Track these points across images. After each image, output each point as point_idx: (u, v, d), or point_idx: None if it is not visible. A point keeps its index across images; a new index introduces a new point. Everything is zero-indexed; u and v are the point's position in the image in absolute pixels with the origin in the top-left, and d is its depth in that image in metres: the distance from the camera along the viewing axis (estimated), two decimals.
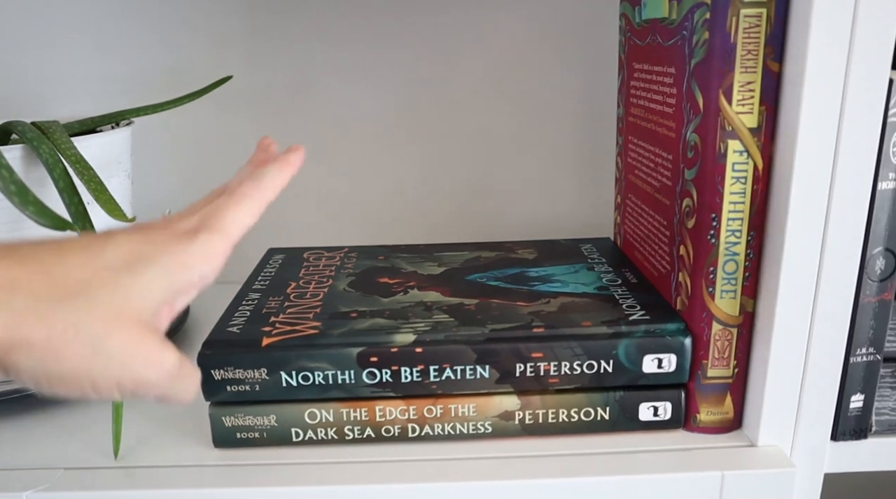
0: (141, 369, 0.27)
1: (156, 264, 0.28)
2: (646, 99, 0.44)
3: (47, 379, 0.26)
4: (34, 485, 0.35)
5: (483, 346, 0.36)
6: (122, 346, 0.27)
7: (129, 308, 0.27)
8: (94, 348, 0.26)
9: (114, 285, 0.27)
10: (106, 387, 0.27)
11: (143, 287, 0.28)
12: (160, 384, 0.28)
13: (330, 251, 0.52)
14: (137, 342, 0.27)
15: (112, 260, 0.28)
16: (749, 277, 0.36)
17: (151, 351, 0.28)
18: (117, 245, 0.28)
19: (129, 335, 0.27)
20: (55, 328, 0.26)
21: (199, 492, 0.35)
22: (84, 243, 0.28)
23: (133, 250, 0.28)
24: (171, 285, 0.29)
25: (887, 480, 0.72)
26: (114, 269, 0.28)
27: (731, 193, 0.35)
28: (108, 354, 0.26)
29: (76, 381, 0.26)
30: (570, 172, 0.63)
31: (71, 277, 0.27)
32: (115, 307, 0.27)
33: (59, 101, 0.61)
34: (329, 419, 0.37)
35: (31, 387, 0.27)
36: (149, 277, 0.28)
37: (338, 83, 0.61)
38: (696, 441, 0.38)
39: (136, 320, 0.28)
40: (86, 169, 0.38)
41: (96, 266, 0.27)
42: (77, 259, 0.27)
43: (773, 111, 0.34)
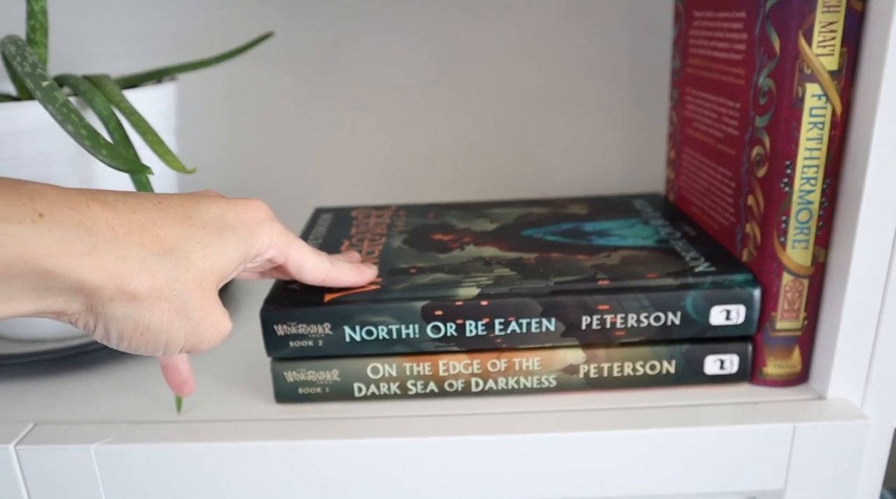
0: (207, 333, 0.29)
1: (236, 235, 0.30)
2: (708, 48, 0.43)
3: (133, 330, 0.26)
4: (101, 438, 0.36)
5: (549, 298, 0.36)
6: (199, 308, 0.28)
7: (215, 272, 0.29)
8: (179, 307, 0.27)
9: (207, 247, 0.28)
10: (176, 345, 0.28)
11: (228, 254, 0.29)
12: (213, 346, 0.30)
13: (378, 210, 0.52)
14: (210, 307, 0.29)
15: (205, 219, 0.29)
16: (822, 227, 0.35)
17: (218, 317, 0.29)
18: (207, 206, 0.30)
19: (207, 299, 0.28)
20: (157, 282, 0.26)
21: (261, 445, 0.35)
22: (179, 200, 0.29)
23: (221, 215, 0.30)
24: (244, 255, 0.30)
25: None
26: (206, 228, 0.29)
27: (808, 140, 0.34)
28: (187, 315, 0.28)
29: (155, 336, 0.27)
30: (616, 129, 0.62)
31: (172, 232, 0.27)
32: (203, 269, 0.28)
33: (98, 60, 0.60)
34: (392, 374, 0.37)
35: (111, 339, 0.27)
36: (232, 245, 0.29)
37: (379, 40, 0.59)
38: (763, 395, 0.37)
39: (214, 285, 0.29)
40: (141, 121, 0.38)
41: (193, 222, 0.28)
42: (177, 213, 0.28)
43: (854, 53, 0.33)
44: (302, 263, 0.34)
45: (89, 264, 0.24)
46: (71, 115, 0.32)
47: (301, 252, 0.34)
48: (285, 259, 0.34)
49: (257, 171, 0.63)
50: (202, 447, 0.35)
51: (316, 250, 0.35)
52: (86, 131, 0.31)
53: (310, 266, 0.35)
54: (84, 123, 0.32)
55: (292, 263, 0.34)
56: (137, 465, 0.35)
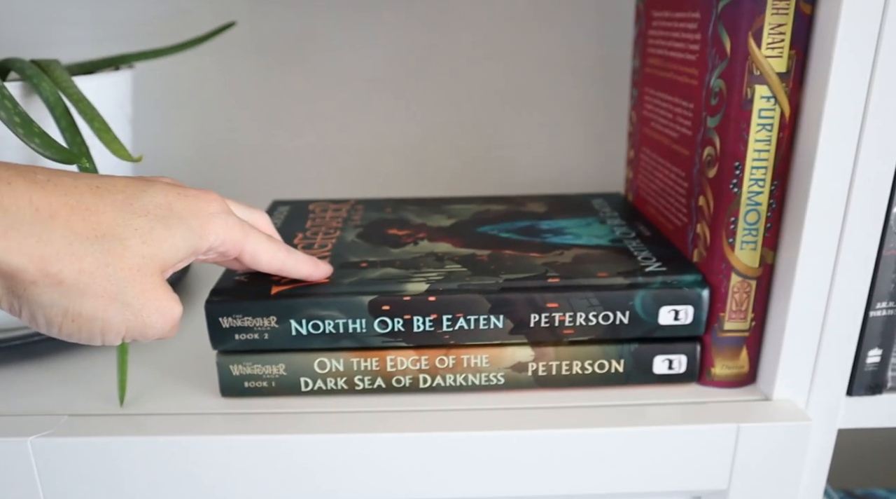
0: (152, 319, 0.28)
1: (185, 223, 0.29)
2: (665, 48, 0.43)
3: (62, 316, 0.26)
4: (38, 430, 0.35)
5: (497, 295, 0.36)
6: (140, 295, 0.27)
7: (156, 260, 0.28)
8: (115, 293, 0.27)
9: (146, 234, 0.27)
10: (114, 332, 0.27)
11: (173, 243, 0.28)
12: (163, 333, 0.29)
13: (336, 203, 0.51)
14: (153, 293, 0.28)
15: (148, 207, 0.28)
16: (770, 228, 0.35)
17: (164, 303, 0.28)
18: (154, 193, 0.29)
19: (147, 285, 0.28)
20: (86, 267, 0.25)
21: (206, 439, 0.35)
22: (122, 185, 0.28)
23: (168, 203, 0.29)
24: (192, 247, 0.29)
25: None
26: (148, 216, 0.28)
27: (756, 141, 0.34)
28: (125, 301, 0.27)
29: (89, 322, 0.27)
30: (577, 128, 0.62)
31: (107, 218, 0.26)
32: (142, 256, 0.27)
33: (56, 46, 0.59)
34: (339, 369, 0.37)
35: (38, 324, 0.26)
36: (179, 235, 0.29)
37: (342, 34, 0.59)
38: (711, 395, 0.38)
39: (157, 271, 0.28)
40: (88, 108, 0.37)
41: (133, 209, 0.27)
42: (115, 199, 0.27)
43: (802, 56, 0.33)
44: (258, 255, 0.34)
45: (5, 246, 0.23)
46: (4, 101, 0.31)
47: (257, 244, 0.33)
48: (240, 252, 0.33)
49: (217, 162, 0.62)
50: (145, 441, 0.35)
51: (272, 239, 0.35)
52: (19, 118, 0.31)
53: (266, 258, 0.34)
54: (18, 110, 0.31)
55: (248, 254, 0.33)
56: (77, 459, 0.35)
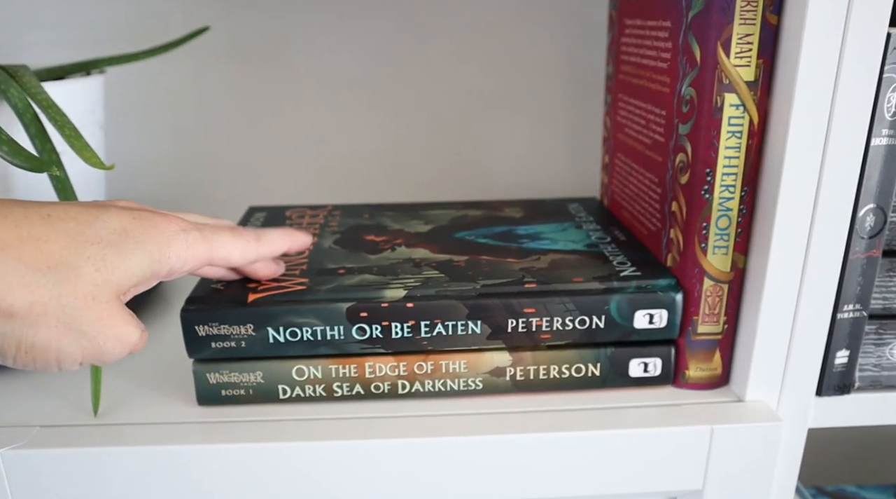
0: (109, 345, 0.28)
1: (140, 247, 0.29)
2: (638, 55, 0.44)
3: (16, 348, 0.26)
4: (9, 443, 0.34)
5: (475, 301, 0.36)
6: (95, 322, 0.27)
7: (110, 286, 0.27)
8: (69, 322, 0.26)
9: (99, 261, 0.27)
10: (70, 360, 0.27)
11: (127, 268, 0.28)
12: (122, 356, 0.29)
13: (313, 209, 0.51)
14: (109, 319, 0.27)
15: (101, 234, 0.28)
16: (741, 233, 0.36)
17: (120, 328, 0.28)
18: (108, 219, 0.28)
19: (103, 312, 0.27)
20: (38, 298, 0.25)
21: (183, 448, 0.34)
22: (74, 213, 0.28)
23: (123, 229, 0.28)
24: (150, 271, 0.29)
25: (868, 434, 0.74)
26: (101, 243, 0.27)
27: (727, 148, 0.35)
28: (80, 330, 0.27)
29: (43, 353, 0.26)
30: (555, 133, 0.63)
31: (59, 247, 0.26)
32: (96, 284, 0.27)
33: (25, 50, 0.58)
34: (317, 376, 0.37)
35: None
36: (134, 260, 0.28)
37: (318, 37, 0.59)
38: (685, 397, 0.38)
39: (113, 298, 0.28)
40: (58, 114, 0.36)
41: (86, 237, 0.27)
42: (67, 227, 0.27)
43: (770, 65, 0.34)
44: (229, 257, 0.33)
45: None
46: None
47: (224, 247, 0.33)
48: (210, 261, 0.32)
49: (192, 168, 0.62)
50: (120, 452, 0.34)
51: (237, 233, 0.34)
52: None
53: (237, 256, 0.33)
54: None
55: (219, 260, 0.33)
56: (50, 471, 0.34)
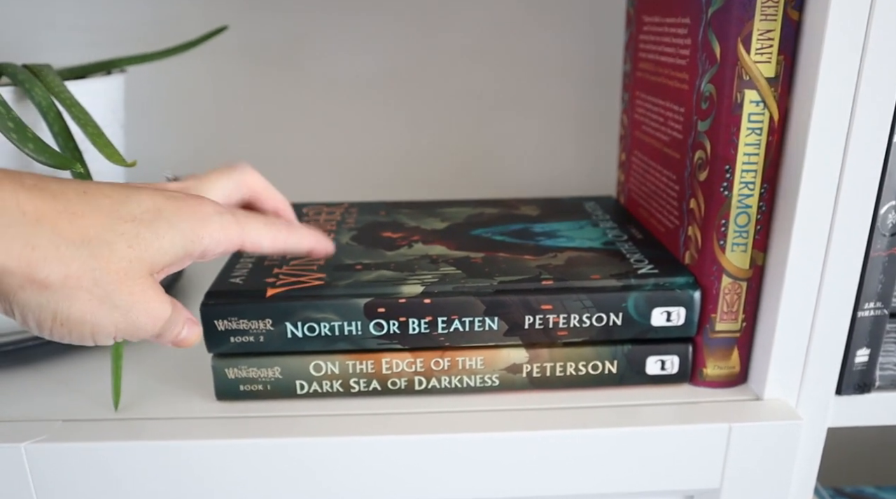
0: (141, 320, 0.28)
1: (174, 228, 0.29)
2: (656, 52, 0.43)
3: (52, 320, 0.26)
4: (32, 436, 0.35)
5: (492, 297, 0.36)
6: (128, 297, 0.27)
7: (143, 263, 0.28)
8: (103, 296, 0.27)
9: (133, 238, 0.27)
10: (104, 333, 0.28)
11: (160, 246, 0.28)
12: (154, 332, 0.29)
13: (330, 207, 0.51)
14: (141, 295, 0.28)
15: (135, 211, 0.28)
16: (760, 231, 0.36)
17: (153, 304, 0.29)
18: (141, 199, 0.29)
19: (136, 287, 0.28)
20: (73, 271, 0.26)
21: (201, 443, 0.35)
22: (109, 191, 0.28)
23: (156, 208, 0.29)
24: (183, 251, 0.29)
25: (886, 435, 0.74)
26: (135, 221, 0.28)
27: (746, 145, 0.34)
28: (113, 304, 0.27)
29: (79, 325, 0.27)
30: (569, 131, 0.62)
31: (94, 222, 0.27)
32: (129, 260, 0.27)
33: (47, 52, 0.59)
34: (335, 371, 0.37)
35: (30, 327, 0.26)
36: (168, 239, 0.29)
37: (334, 38, 0.59)
38: (703, 395, 0.38)
39: (145, 274, 0.28)
40: (81, 113, 0.37)
41: (120, 215, 0.27)
42: (102, 204, 0.27)
43: (790, 61, 0.34)
44: (259, 243, 0.33)
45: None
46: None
47: (257, 233, 0.32)
48: (241, 246, 0.32)
49: (209, 167, 0.62)
50: (140, 446, 0.35)
51: (269, 221, 0.34)
52: (12, 123, 0.31)
53: (268, 243, 0.33)
54: (11, 115, 0.31)
55: (249, 245, 0.33)
56: (71, 464, 0.35)
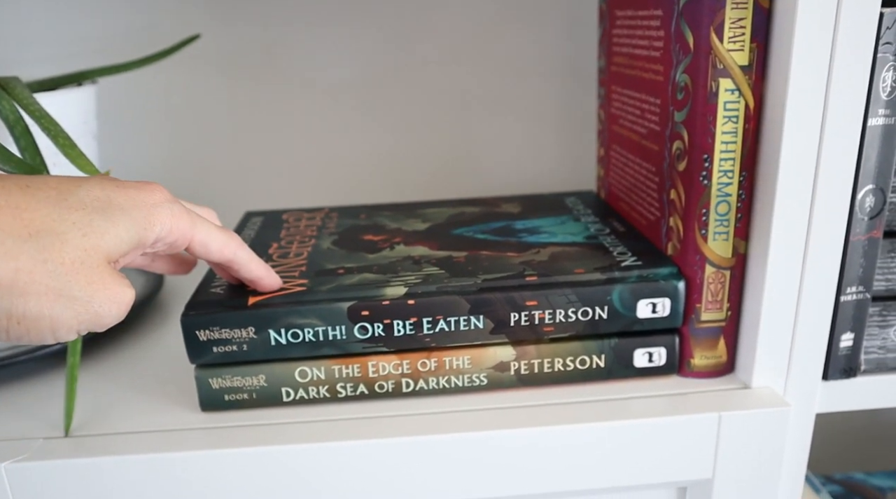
0: (104, 309, 0.27)
1: (127, 214, 0.28)
2: (630, 45, 0.43)
3: (7, 319, 0.25)
4: (12, 456, 0.34)
5: (476, 296, 0.36)
6: (86, 286, 0.26)
7: (99, 251, 0.27)
8: (59, 289, 0.26)
9: (87, 227, 0.26)
10: (66, 328, 0.26)
11: (116, 234, 0.27)
12: (118, 318, 0.28)
13: (309, 212, 0.51)
14: (100, 282, 0.27)
15: (85, 200, 0.27)
16: (741, 219, 0.36)
17: (114, 289, 0.27)
18: (91, 187, 0.28)
19: (93, 275, 0.27)
20: (23, 266, 0.25)
21: (187, 455, 0.34)
22: (54, 183, 0.27)
23: (106, 196, 0.28)
24: (137, 238, 0.28)
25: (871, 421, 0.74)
26: (86, 209, 0.27)
27: (723, 133, 0.35)
28: (72, 296, 0.26)
29: (36, 322, 0.26)
30: (547, 129, 0.62)
31: (40, 215, 0.25)
32: (84, 248, 0.26)
33: (16, 64, 0.58)
34: (321, 377, 0.36)
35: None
36: (122, 225, 0.28)
37: (309, 43, 0.59)
38: (691, 386, 0.38)
39: (102, 261, 0.27)
40: (51, 124, 0.36)
41: (69, 204, 0.26)
42: (48, 196, 0.26)
43: (763, 49, 0.34)
44: (208, 243, 0.32)
45: None
46: None
47: (207, 233, 0.32)
48: (189, 241, 0.32)
49: (186, 176, 0.62)
50: (125, 460, 0.34)
51: (222, 229, 0.33)
52: None
53: (216, 246, 0.33)
54: None
55: (198, 243, 0.32)
56: (54, 483, 0.34)
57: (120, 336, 0.47)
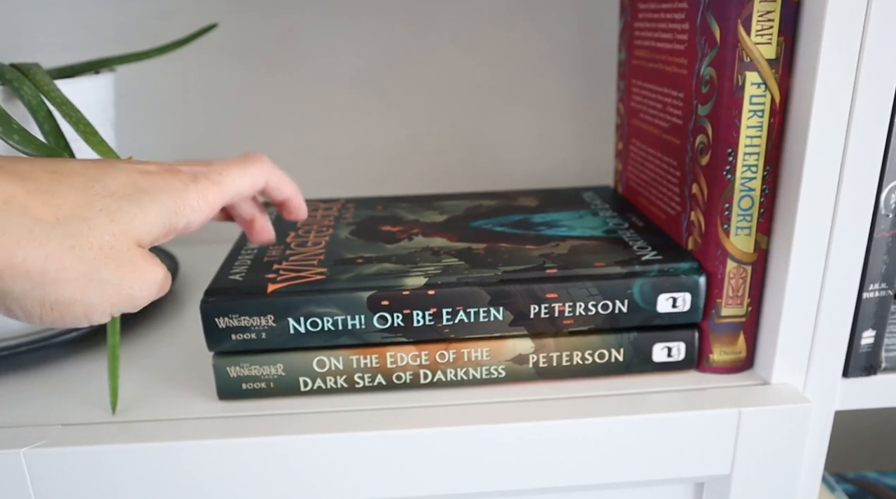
0: (136, 290, 0.27)
1: (155, 200, 0.28)
2: (652, 38, 0.43)
3: (41, 306, 0.25)
4: (31, 442, 0.34)
5: (497, 287, 0.35)
6: (116, 270, 0.26)
7: (128, 236, 0.27)
8: (89, 274, 0.25)
9: (115, 212, 0.26)
10: (99, 312, 0.26)
11: (144, 219, 0.27)
12: (150, 298, 0.28)
13: (326, 203, 0.51)
14: (130, 265, 0.27)
15: (111, 187, 0.27)
16: (764, 214, 0.36)
17: (144, 270, 0.27)
18: (117, 173, 0.28)
19: (124, 259, 0.26)
20: (52, 254, 0.24)
21: (204, 444, 0.34)
22: (81, 169, 0.27)
23: (133, 182, 0.28)
24: (168, 224, 0.28)
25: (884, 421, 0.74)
26: (113, 196, 0.27)
27: (748, 127, 0.34)
28: (103, 280, 0.26)
29: (70, 307, 0.26)
30: (564, 123, 0.62)
31: (68, 200, 0.25)
32: (112, 233, 0.26)
33: (35, 52, 0.58)
34: (339, 367, 0.36)
35: (17, 316, 0.25)
36: (150, 211, 0.28)
37: (326, 34, 0.58)
38: (710, 381, 0.38)
39: (132, 245, 0.27)
40: (73, 111, 0.36)
41: (96, 191, 0.26)
42: (74, 182, 0.26)
43: (791, 42, 0.33)
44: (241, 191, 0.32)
45: None
46: None
47: (234, 184, 0.32)
48: (224, 204, 0.32)
49: None
50: (141, 448, 0.34)
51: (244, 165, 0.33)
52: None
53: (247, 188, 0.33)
54: None
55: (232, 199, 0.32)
56: (72, 469, 0.34)
57: (134, 325, 0.47)
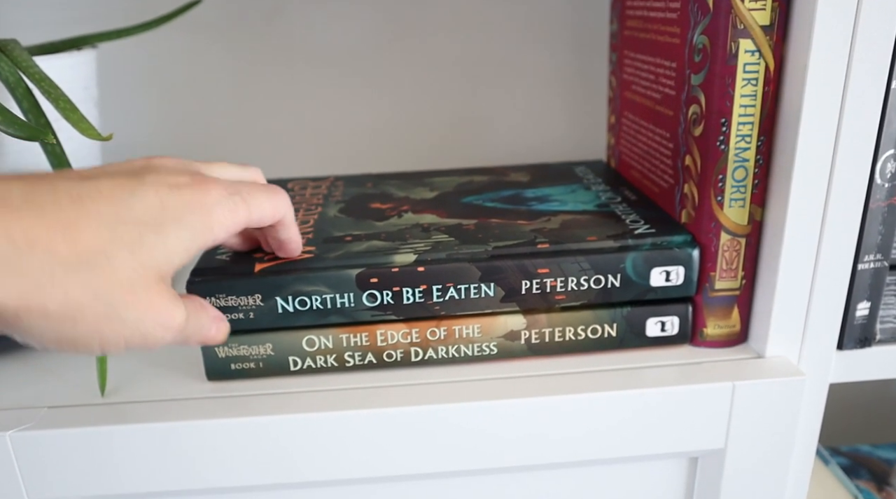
0: (150, 332, 0.27)
1: (182, 225, 0.27)
2: (644, 9, 0.42)
3: (57, 341, 0.25)
4: (17, 425, 0.33)
5: (487, 263, 0.35)
6: (136, 310, 0.26)
7: (149, 270, 0.26)
8: (107, 312, 0.25)
9: (137, 245, 0.25)
10: (114, 345, 0.26)
11: (168, 249, 0.26)
12: (167, 341, 0.28)
13: (315, 181, 0.50)
14: (148, 305, 0.26)
15: (137, 210, 0.26)
16: (758, 185, 0.35)
17: (162, 312, 0.27)
18: (145, 193, 0.26)
19: (142, 298, 0.26)
20: (72, 294, 0.24)
21: (193, 424, 0.34)
22: (108, 190, 0.26)
23: (161, 202, 0.26)
24: (195, 246, 0.27)
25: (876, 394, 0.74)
26: (138, 224, 0.26)
27: (742, 96, 0.34)
28: (120, 319, 0.25)
29: (86, 342, 0.25)
30: (555, 96, 0.61)
31: (91, 234, 0.24)
32: (132, 268, 0.25)
33: (13, 28, 0.56)
34: (328, 346, 0.36)
35: (37, 346, 0.25)
36: (175, 239, 0.26)
37: (312, 9, 0.57)
38: (704, 355, 0.37)
39: (154, 282, 0.26)
40: (52, 87, 0.35)
41: (120, 218, 0.25)
42: (100, 211, 0.25)
43: (785, 8, 0.33)
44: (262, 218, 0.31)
45: None
46: None
47: (260, 209, 0.30)
48: (247, 225, 0.30)
49: (188, 143, 0.61)
50: (129, 429, 0.33)
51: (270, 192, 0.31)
52: None
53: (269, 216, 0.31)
54: None
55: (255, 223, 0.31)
56: (59, 452, 0.33)
57: None
